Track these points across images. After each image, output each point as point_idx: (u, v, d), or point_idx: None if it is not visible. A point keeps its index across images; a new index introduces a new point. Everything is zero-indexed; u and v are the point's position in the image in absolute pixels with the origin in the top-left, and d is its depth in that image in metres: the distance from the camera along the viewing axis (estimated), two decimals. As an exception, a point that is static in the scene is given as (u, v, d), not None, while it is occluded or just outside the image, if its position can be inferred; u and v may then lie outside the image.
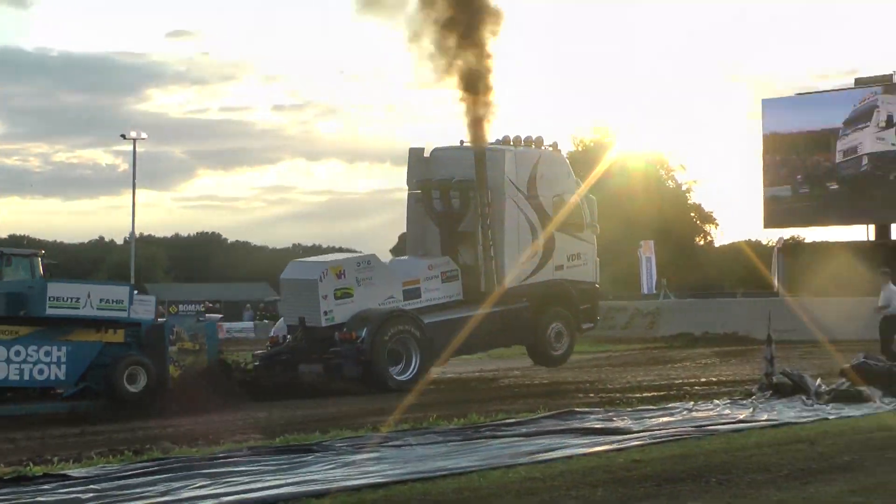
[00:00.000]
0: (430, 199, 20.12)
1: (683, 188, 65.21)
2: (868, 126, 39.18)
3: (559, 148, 21.36)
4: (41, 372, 14.97)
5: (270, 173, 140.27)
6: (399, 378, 17.86)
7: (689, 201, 65.39)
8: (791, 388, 14.23)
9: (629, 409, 13.04)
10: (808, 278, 35.07)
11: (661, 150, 65.77)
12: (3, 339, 14.68)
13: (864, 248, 36.42)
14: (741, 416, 12.37)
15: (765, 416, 12.42)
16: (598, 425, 11.48)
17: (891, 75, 41.25)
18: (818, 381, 14.55)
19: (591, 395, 15.98)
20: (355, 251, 28.01)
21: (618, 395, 15.58)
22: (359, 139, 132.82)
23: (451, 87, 19.40)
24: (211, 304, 59.87)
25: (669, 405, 13.48)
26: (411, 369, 18.06)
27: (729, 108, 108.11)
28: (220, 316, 19.66)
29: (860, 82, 41.70)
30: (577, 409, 12.78)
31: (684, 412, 12.79)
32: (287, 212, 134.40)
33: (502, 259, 19.67)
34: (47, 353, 14.98)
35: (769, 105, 43.89)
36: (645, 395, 15.53)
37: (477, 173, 19.42)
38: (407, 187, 20.79)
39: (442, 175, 20.09)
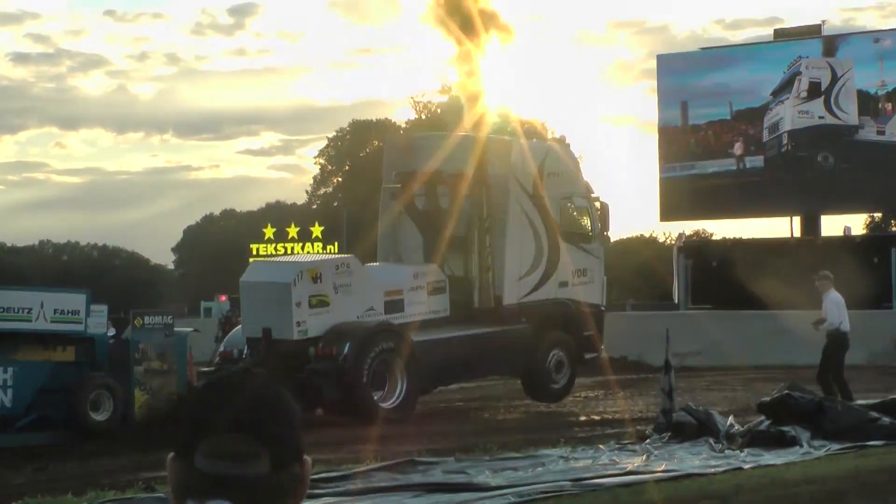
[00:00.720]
0: (411, 196, 21.08)
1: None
2: (788, 97, 40.65)
3: (568, 142, 22.94)
4: None
5: (9, 146, 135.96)
6: (383, 405, 18.57)
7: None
8: (696, 429, 14.48)
9: (487, 458, 13.01)
10: (717, 286, 36.02)
11: (535, 117, 66.74)
12: None
13: (788, 246, 37.65)
14: (631, 466, 12.50)
15: (662, 466, 12.58)
16: (447, 480, 11.43)
17: (819, 25, 42.79)
18: (730, 419, 14.87)
19: (439, 437, 15.92)
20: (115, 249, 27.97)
21: (473, 438, 15.56)
22: (131, 102, 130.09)
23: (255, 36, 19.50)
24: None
25: (539, 452, 13.53)
26: (396, 396, 18.82)
27: (618, 67, 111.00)
28: (191, 330, 20.35)
29: (781, 35, 43.19)
30: (420, 459, 12.71)
31: (559, 461, 12.86)
32: (33, 197, 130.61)
33: (501, 270, 20.71)
34: None
35: (666, 62, 45.03)
36: (508, 438, 15.57)
37: (476, 165, 20.41)
38: (383, 180, 21.86)
39: (424, 167, 20.91)
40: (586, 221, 22.42)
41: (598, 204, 22.53)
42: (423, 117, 63.64)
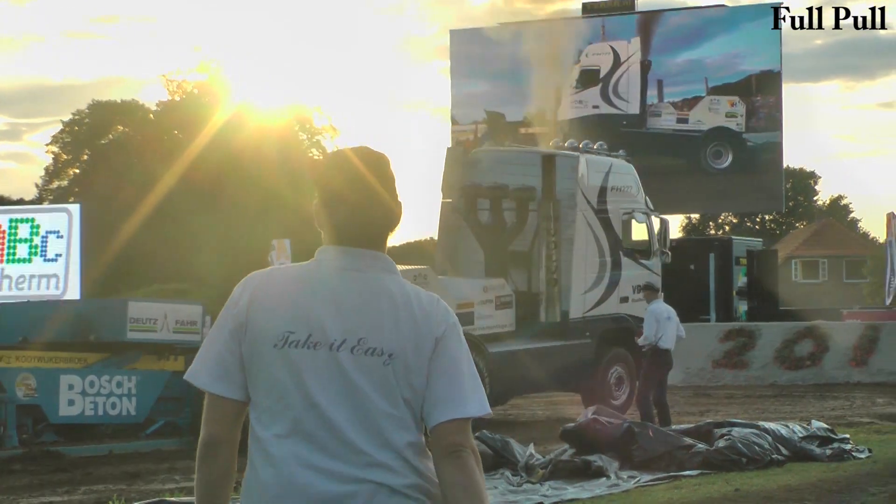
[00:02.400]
0: (475, 210, 23.56)
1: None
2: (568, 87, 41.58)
3: (629, 159, 25.22)
4: (113, 406, 18.66)
5: None
6: None
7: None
8: (491, 460, 14.69)
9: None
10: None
11: (304, 102, 66.74)
12: (75, 369, 18.76)
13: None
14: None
15: (453, 503, 12.68)
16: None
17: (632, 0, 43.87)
18: (530, 448, 15.12)
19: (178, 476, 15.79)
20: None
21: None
22: None
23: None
24: None
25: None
26: None
27: (408, 45, 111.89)
28: None
29: (589, 10, 44.20)
30: (171, 500, 12.62)
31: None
32: None
33: (568, 284, 23.13)
34: (119, 385, 18.71)
35: (460, 39, 45.61)
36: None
37: (545, 180, 22.87)
38: (441, 194, 24.30)
39: (488, 181, 23.50)
40: (647, 237, 24.90)
41: (657, 220, 25.08)
42: (178, 98, 62.85)
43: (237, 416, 3.73)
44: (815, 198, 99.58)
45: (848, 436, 17.07)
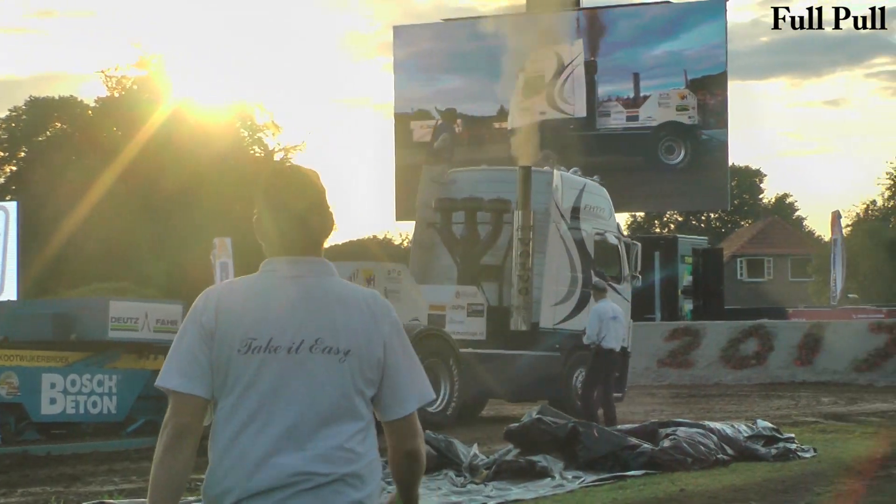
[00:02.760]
0: (449, 224, 24.30)
1: (277, 158, 66.16)
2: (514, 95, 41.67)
3: (603, 182, 25.86)
4: (94, 405, 19.09)
5: None
6: (428, 409, 20.60)
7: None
8: (435, 460, 14.67)
9: None
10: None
11: (246, 99, 66.43)
12: (57, 367, 18.96)
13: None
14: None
15: (396, 504, 12.67)
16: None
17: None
18: (474, 448, 15.11)
19: (117, 478, 15.68)
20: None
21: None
22: None
23: None
24: None
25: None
26: (440, 401, 21.44)
27: (352, 41, 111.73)
28: None
29: (535, 5, 44.18)
30: (110, 502, 12.60)
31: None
32: None
33: (540, 294, 23.77)
34: (100, 383, 19.12)
35: (403, 35, 45.58)
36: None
37: (522, 190, 23.44)
38: (417, 211, 25.49)
39: (463, 195, 24.47)
40: (618, 261, 25.36)
41: (628, 245, 25.81)
42: (117, 95, 62.40)
43: (203, 411, 4.21)
44: (760, 196, 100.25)
45: (793, 435, 17.18)
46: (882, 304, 45.76)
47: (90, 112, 63.82)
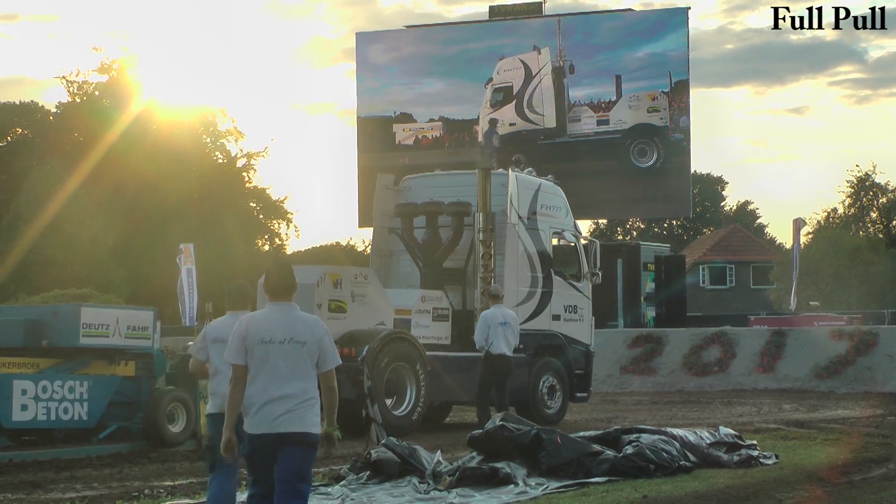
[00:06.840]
0: (411, 229, 24.37)
1: (240, 164, 66.06)
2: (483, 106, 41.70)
3: (558, 182, 25.83)
4: (66, 411, 19.15)
5: None
6: (394, 413, 21.50)
7: (247, 184, 66.29)
8: (398, 467, 14.69)
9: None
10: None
11: (208, 105, 66.26)
12: (28, 374, 19.00)
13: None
14: (325, 513, 12.55)
15: (359, 512, 12.68)
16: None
17: (539, 3, 44.03)
18: (438, 455, 15.13)
19: (79, 484, 15.63)
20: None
21: (136, 484, 15.37)
22: None
23: None
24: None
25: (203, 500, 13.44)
26: (405, 405, 21.86)
27: (314, 47, 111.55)
28: None
29: (497, 13, 44.33)
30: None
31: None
32: None
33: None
34: (71, 390, 19.19)
35: (366, 42, 45.58)
36: (172, 482, 15.48)
37: (480, 192, 23.60)
38: (374, 220, 25.60)
39: (422, 200, 24.56)
40: (577, 259, 25.51)
41: (587, 243, 25.81)
42: (79, 100, 62.15)
43: (245, 372, 9.22)
44: (722, 203, 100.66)
45: (755, 442, 17.23)
46: (843, 312, 45.97)
47: (51, 118, 63.56)
